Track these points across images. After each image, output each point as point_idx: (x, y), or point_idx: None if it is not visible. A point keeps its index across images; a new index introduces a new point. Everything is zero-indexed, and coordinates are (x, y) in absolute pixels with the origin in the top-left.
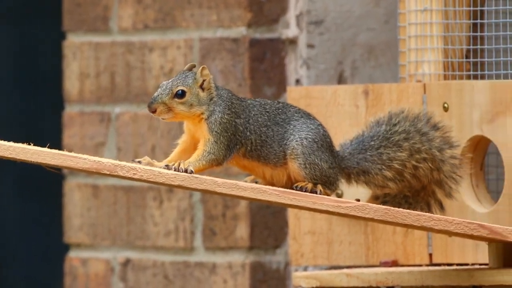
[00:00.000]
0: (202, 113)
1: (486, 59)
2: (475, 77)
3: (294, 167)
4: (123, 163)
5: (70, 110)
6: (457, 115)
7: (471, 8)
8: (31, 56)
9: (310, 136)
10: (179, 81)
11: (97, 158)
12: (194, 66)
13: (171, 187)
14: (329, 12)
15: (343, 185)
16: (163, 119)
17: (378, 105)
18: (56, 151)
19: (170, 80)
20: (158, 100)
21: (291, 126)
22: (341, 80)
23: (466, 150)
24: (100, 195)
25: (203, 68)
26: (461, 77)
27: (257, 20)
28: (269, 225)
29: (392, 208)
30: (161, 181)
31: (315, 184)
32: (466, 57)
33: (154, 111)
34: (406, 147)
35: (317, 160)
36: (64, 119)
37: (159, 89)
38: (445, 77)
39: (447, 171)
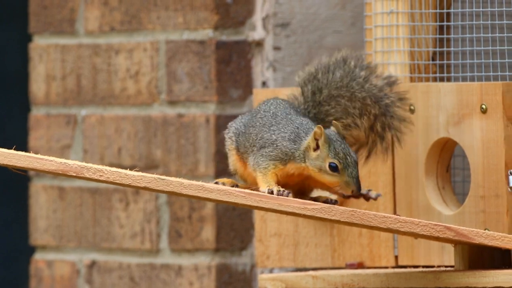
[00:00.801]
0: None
1: (452, 62)
2: (442, 79)
3: None
4: (89, 165)
5: (36, 113)
6: (424, 117)
7: (438, 11)
8: None
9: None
10: None
11: (63, 160)
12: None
13: (137, 189)
14: (295, 15)
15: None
16: None
17: None
18: (23, 153)
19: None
20: None
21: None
22: None
23: (433, 152)
24: (66, 197)
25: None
26: (427, 80)
27: (224, 22)
28: (235, 227)
29: (359, 210)
30: (127, 183)
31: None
32: (433, 60)
33: None
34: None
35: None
36: (30, 121)
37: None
38: (412, 80)
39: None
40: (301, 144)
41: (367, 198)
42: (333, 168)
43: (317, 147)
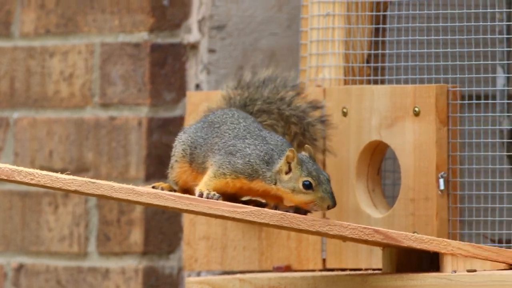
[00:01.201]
0: None
1: (387, 64)
2: (376, 82)
3: None
4: (20, 168)
5: None
6: (356, 120)
7: (374, 13)
8: None
9: None
10: None
11: None
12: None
13: (68, 193)
14: (231, 17)
15: None
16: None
17: None
18: None
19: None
20: None
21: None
22: None
23: (364, 155)
24: None
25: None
26: (361, 82)
27: (160, 25)
28: (163, 230)
29: (288, 213)
30: (58, 187)
31: None
32: (367, 62)
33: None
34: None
35: None
36: None
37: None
38: (346, 82)
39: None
40: (273, 167)
41: (304, 211)
42: (307, 186)
43: (289, 170)
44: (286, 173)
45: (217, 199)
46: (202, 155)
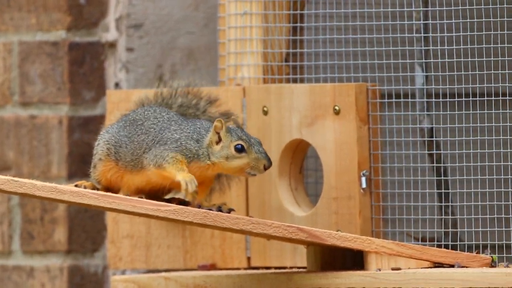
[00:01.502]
0: None
1: (305, 63)
2: (295, 80)
3: None
4: None
5: None
6: (277, 118)
7: (291, 12)
8: None
9: None
10: None
11: None
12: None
13: None
14: (148, 16)
15: None
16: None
17: None
18: None
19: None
20: None
21: None
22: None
23: (286, 153)
24: None
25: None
26: (280, 81)
27: (77, 23)
28: (87, 228)
29: (211, 211)
30: None
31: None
32: (286, 61)
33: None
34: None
35: None
36: None
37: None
38: (265, 81)
39: None
40: (203, 143)
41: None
42: (239, 149)
43: (219, 140)
44: (217, 143)
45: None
46: (129, 153)
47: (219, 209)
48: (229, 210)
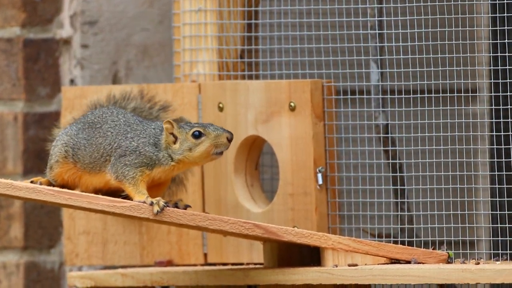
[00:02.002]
0: None
1: (260, 59)
2: (250, 77)
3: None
4: None
5: None
6: (232, 115)
7: (246, 9)
8: None
9: None
10: None
11: None
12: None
13: None
14: (103, 12)
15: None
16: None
17: None
18: None
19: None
20: None
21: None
22: (115, 80)
23: (241, 150)
24: None
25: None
26: (236, 77)
27: (31, 20)
28: (43, 225)
29: (169, 208)
30: None
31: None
32: (241, 57)
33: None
34: None
35: None
36: None
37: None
38: (220, 77)
39: None
40: (161, 145)
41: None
42: (197, 135)
43: (175, 139)
44: (174, 142)
45: (166, 205)
46: (88, 155)
47: (176, 205)
48: (186, 207)
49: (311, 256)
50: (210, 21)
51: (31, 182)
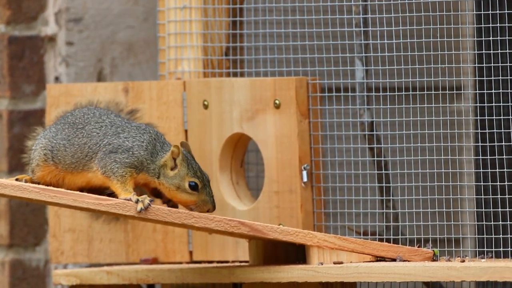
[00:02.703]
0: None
1: (245, 57)
2: (235, 74)
3: None
4: None
5: None
6: (217, 112)
7: (231, 6)
8: None
9: None
10: None
11: None
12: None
13: None
14: (88, 10)
15: None
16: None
17: (138, 102)
18: None
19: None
20: None
21: None
22: (100, 77)
23: (227, 147)
24: None
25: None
26: (221, 75)
27: (16, 17)
28: (28, 222)
29: (154, 206)
30: None
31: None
32: (226, 55)
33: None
34: None
35: None
36: None
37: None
38: (205, 75)
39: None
40: (157, 159)
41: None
42: (193, 187)
43: (175, 166)
44: (172, 169)
45: (150, 203)
46: (70, 155)
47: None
48: (174, 206)
49: (296, 254)
50: (195, 18)
51: (16, 179)
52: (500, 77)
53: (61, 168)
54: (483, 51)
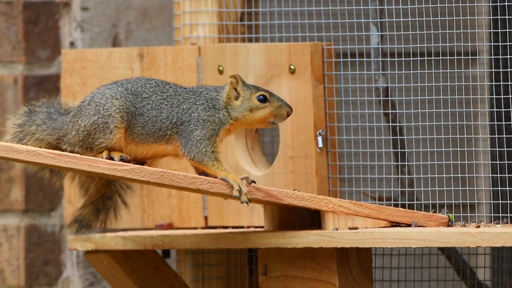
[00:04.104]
0: None
1: (260, 22)
2: (250, 40)
3: None
4: None
5: None
6: None
7: None
8: None
9: None
10: None
11: None
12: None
13: None
14: None
15: None
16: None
17: (153, 68)
18: None
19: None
20: None
21: None
22: (115, 43)
23: None
24: None
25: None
26: (236, 40)
27: None
28: (44, 188)
29: (168, 171)
30: None
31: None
32: (241, 20)
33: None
34: None
35: None
36: None
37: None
38: (220, 40)
39: None
40: (219, 103)
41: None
42: (262, 99)
43: (238, 95)
44: (236, 98)
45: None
46: (139, 126)
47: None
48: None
49: (311, 219)
50: None
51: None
52: None
53: (128, 135)
54: (499, 16)
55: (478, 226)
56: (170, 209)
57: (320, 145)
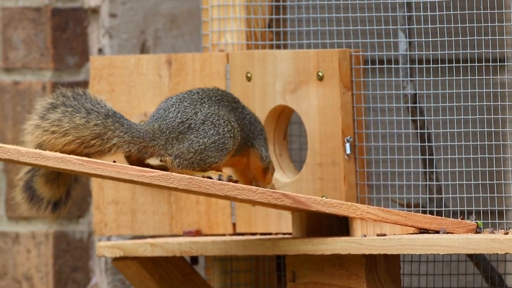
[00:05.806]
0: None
1: (288, 29)
2: (278, 46)
3: None
4: None
5: None
6: (260, 84)
7: None
8: None
9: None
10: None
11: None
12: None
13: None
14: None
15: None
16: None
17: (181, 74)
18: None
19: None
20: None
21: None
22: (143, 49)
23: (270, 120)
24: None
25: None
26: (264, 47)
27: None
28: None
29: (196, 177)
30: None
31: None
32: (269, 27)
33: None
34: None
35: None
36: None
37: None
38: (248, 47)
39: None
40: (269, 155)
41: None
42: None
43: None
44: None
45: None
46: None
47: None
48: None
49: (339, 226)
50: None
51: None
52: None
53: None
54: None
55: (507, 233)
56: (198, 216)
57: (348, 151)
